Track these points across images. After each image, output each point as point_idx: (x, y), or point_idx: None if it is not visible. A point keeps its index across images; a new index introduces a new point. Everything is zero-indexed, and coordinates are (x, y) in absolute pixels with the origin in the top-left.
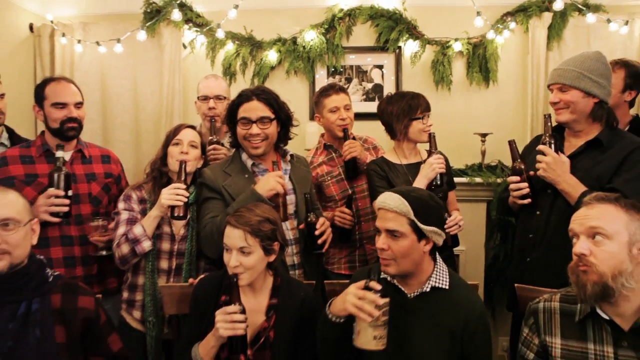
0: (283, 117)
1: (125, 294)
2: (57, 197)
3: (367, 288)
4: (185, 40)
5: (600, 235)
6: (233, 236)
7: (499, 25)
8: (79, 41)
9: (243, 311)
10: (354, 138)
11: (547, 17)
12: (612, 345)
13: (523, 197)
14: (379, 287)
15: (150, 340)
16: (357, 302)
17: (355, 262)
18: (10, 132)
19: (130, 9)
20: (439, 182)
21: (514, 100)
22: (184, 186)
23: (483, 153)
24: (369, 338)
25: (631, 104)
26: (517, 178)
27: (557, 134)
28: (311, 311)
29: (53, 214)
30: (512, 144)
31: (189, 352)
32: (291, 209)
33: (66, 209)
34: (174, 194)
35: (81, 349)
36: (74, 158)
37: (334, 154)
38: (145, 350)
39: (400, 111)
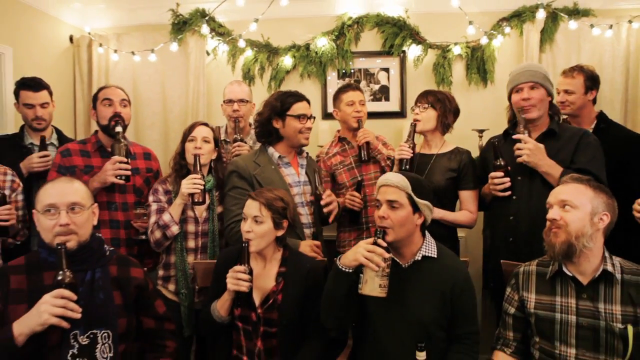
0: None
1: (160, 272)
2: (120, 162)
3: (375, 244)
4: (209, 48)
5: (568, 206)
6: (251, 206)
7: (492, 31)
8: (115, 51)
9: (250, 273)
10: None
11: (540, 21)
12: (574, 297)
13: (504, 190)
14: (384, 244)
15: (184, 309)
16: (367, 254)
17: (360, 227)
18: (59, 133)
19: (159, 21)
20: (406, 167)
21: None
22: (200, 176)
23: (480, 147)
24: (375, 286)
25: (594, 101)
26: (501, 173)
27: (511, 129)
28: (315, 280)
29: (118, 177)
30: (494, 144)
31: (207, 311)
32: (307, 197)
33: (128, 172)
34: (191, 184)
35: (134, 310)
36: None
37: (346, 146)
38: (180, 318)
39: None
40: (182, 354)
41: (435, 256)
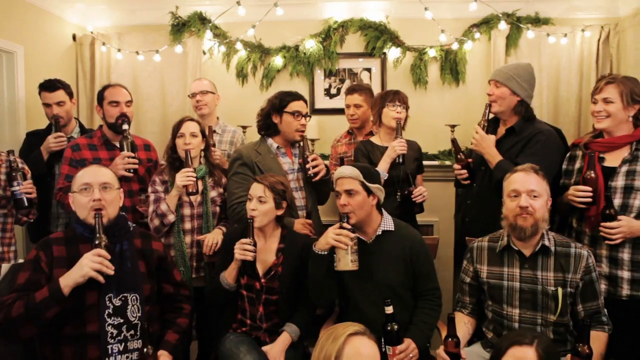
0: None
1: None
2: (129, 157)
3: (341, 228)
4: (205, 48)
5: (535, 194)
6: (256, 188)
7: (463, 37)
8: (118, 50)
9: (254, 245)
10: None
11: (506, 28)
12: (518, 267)
13: (464, 179)
14: (349, 226)
15: None
16: (336, 236)
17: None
18: (82, 127)
19: (158, 21)
20: (400, 161)
21: (479, 97)
22: (192, 169)
23: (452, 140)
24: (347, 262)
25: None
26: (459, 166)
27: (494, 121)
28: (309, 255)
29: (127, 170)
30: (454, 141)
31: (217, 278)
32: (301, 183)
33: (136, 166)
34: (185, 177)
35: (156, 277)
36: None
37: (352, 140)
38: None
39: (377, 99)
40: None
41: (393, 229)
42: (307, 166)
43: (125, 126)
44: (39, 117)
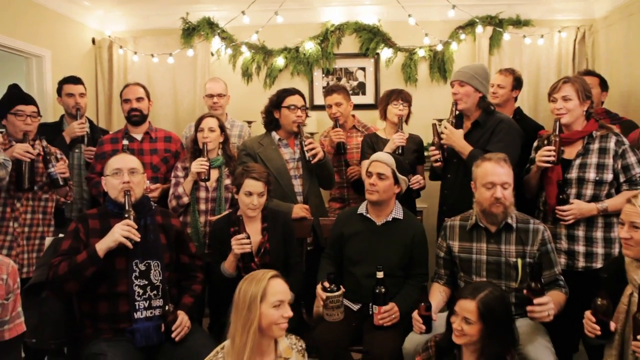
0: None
1: None
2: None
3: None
4: (213, 50)
5: (506, 186)
6: (256, 185)
7: (448, 39)
8: (135, 53)
9: (248, 237)
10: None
11: (489, 30)
12: (485, 242)
13: (437, 161)
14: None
15: None
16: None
17: (345, 200)
18: (91, 122)
19: (170, 26)
20: (399, 152)
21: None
22: (205, 159)
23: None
24: (324, 313)
25: (515, 98)
26: (433, 147)
27: (460, 118)
28: (289, 228)
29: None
30: (434, 126)
31: (219, 267)
32: (300, 172)
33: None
34: (199, 165)
35: (174, 249)
36: (144, 138)
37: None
38: None
39: (383, 97)
40: None
41: (402, 218)
42: (305, 149)
43: (125, 141)
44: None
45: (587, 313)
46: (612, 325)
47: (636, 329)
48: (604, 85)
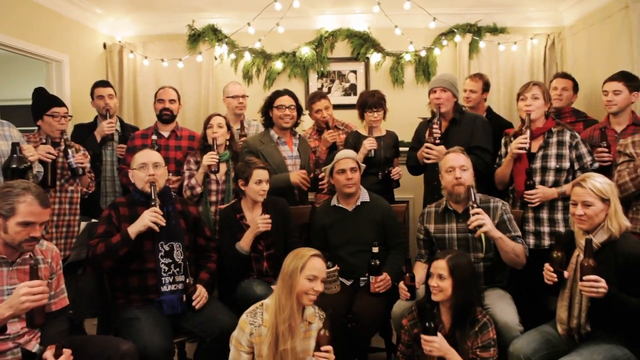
0: (299, 109)
1: None
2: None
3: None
4: (216, 54)
5: (464, 168)
6: (264, 173)
7: (431, 46)
8: (145, 57)
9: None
10: (335, 127)
11: (468, 36)
12: (455, 222)
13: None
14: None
15: None
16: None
17: (332, 193)
18: (121, 121)
19: (177, 31)
20: (372, 154)
21: None
22: (215, 153)
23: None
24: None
25: (485, 99)
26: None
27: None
28: (286, 213)
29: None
30: (429, 122)
31: (233, 248)
32: (297, 168)
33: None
34: (209, 158)
35: (192, 232)
36: (170, 135)
37: (319, 137)
38: None
39: (359, 104)
40: None
41: (368, 200)
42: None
43: (153, 136)
44: (82, 114)
45: (547, 265)
46: (566, 274)
47: (582, 273)
48: (576, 87)
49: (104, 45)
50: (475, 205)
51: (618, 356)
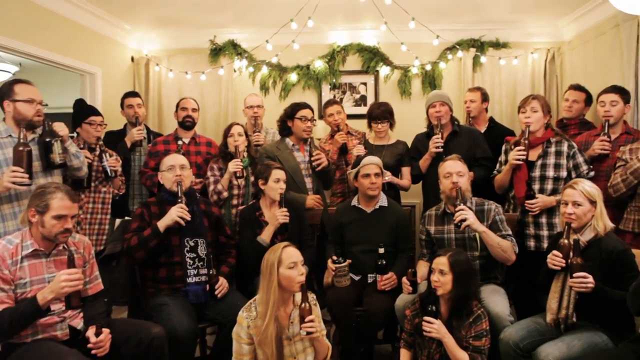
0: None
1: None
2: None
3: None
4: (235, 67)
5: (461, 174)
6: (282, 173)
7: (436, 60)
8: (170, 70)
9: (288, 211)
10: (348, 132)
11: (472, 51)
12: (452, 224)
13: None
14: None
15: None
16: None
17: (345, 195)
18: (148, 129)
19: (199, 46)
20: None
21: (453, 105)
22: (239, 160)
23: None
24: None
25: (486, 109)
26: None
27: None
28: (300, 211)
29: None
30: (431, 129)
31: (255, 241)
32: (309, 172)
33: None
34: (235, 165)
35: (214, 230)
36: (190, 141)
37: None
38: None
39: (368, 114)
40: None
41: (387, 205)
42: (312, 159)
43: (179, 142)
44: (112, 122)
45: (554, 251)
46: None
47: (572, 271)
48: (589, 100)
49: (132, 59)
50: (461, 203)
51: (597, 342)
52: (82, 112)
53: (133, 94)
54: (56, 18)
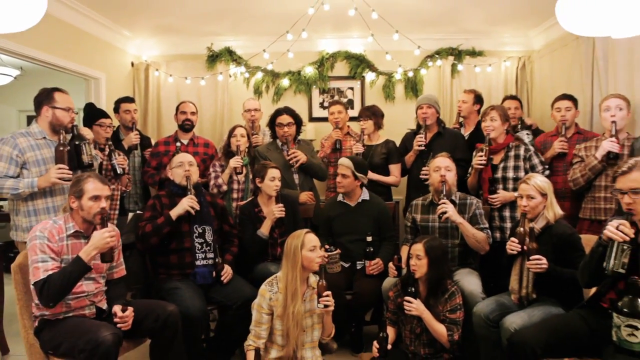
0: (298, 123)
1: None
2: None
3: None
4: (231, 72)
5: (448, 169)
6: (277, 172)
7: (417, 67)
8: (170, 75)
9: (284, 206)
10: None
11: (451, 59)
12: (435, 213)
13: (420, 145)
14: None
15: None
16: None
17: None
18: (140, 132)
19: (197, 52)
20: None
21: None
22: (240, 158)
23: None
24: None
25: (478, 111)
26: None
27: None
28: (296, 207)
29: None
30: (419, 128)
31: (256, 235)
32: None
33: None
34: (235, 162)
35: (219, 219)
36: (189, 142)
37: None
38: None
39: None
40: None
41: (368, 199)
42: (288, 158)
43: (178, 143)
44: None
45: (512, 238)
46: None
47: (528, 254)
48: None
49: (132, 64)
50: (444, 197)
51: (553, 312)
52: (93, 114)
53: (130, 99)
54: (61, 24)
